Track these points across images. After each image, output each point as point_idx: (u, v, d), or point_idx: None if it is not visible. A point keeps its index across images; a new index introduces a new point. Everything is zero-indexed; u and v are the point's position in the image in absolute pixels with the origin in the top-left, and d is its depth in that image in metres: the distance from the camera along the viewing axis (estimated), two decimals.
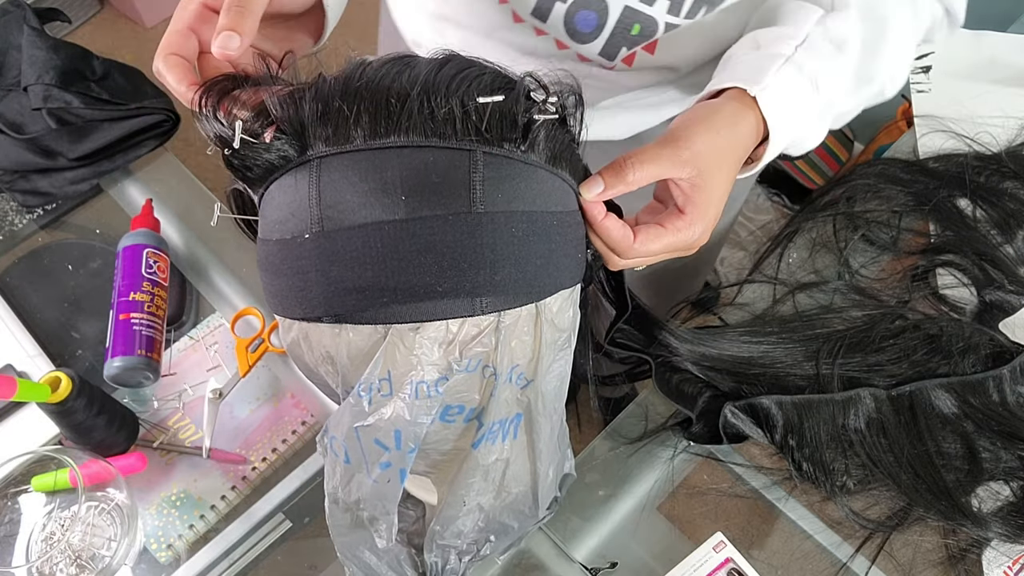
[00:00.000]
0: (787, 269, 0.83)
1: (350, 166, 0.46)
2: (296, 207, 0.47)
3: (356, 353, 0.48)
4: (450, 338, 0.47)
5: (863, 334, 0.75)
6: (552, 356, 0.52)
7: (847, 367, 0.73)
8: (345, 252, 0.46)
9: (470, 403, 0.50)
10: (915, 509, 0.67)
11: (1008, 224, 0.84)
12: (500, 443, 0.52)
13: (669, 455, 0.73)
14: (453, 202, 0.46)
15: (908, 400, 0.71)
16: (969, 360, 0.73)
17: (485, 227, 0.46)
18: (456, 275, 0.46)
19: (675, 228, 0.53)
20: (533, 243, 0.48)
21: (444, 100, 0.46)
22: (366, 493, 0.52)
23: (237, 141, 0.46)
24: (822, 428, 0.69)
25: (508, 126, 0.47)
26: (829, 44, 0.59)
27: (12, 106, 0.90)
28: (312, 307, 0.48)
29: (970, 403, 0.71)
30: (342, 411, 0.50)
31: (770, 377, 0.72)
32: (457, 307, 0.47)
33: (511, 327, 0.48)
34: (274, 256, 0.50)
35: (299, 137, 0.47)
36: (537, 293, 0.49)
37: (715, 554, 0.67)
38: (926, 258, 0.82)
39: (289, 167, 0.48)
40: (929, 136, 0.92)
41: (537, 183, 0.49)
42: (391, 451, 0.49)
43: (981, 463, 0.68)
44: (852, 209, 0.86)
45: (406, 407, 0.48)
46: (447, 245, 0.45)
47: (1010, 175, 0.87)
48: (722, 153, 0.54)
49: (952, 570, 0.67)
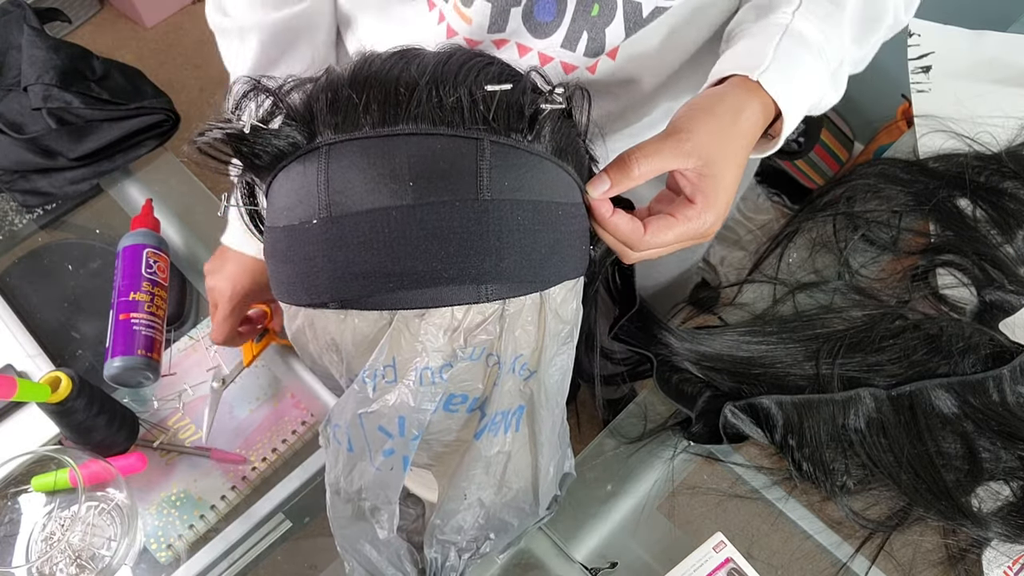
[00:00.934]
0: (787, 269, 0.83)
1: (359, 153, 0.47)
2: (304, 194, 0.48)
3: (361, 339, 0.49)
4: (455, 325, 0.48)
5: (863, 334, 0.75)
6: (555, 348, 0.52)
7: (847, 367, 0.73)
8: (352, 237, 0.46)
9: (473, 392, 0.50)
10: (915, 509, 0.67)
11: (1008, 224, 0.84)
12: (502, 435, 0.52)
13: (669, 455, 0.73)
14: (460, 189, 0.46)
15: (908, 400, 0.71)
16: (969, 360, 0.73)
17: (491, 214, 0.47)
18: (462, 261, 0.46)
19: (686, 217, 0.53)
20: (538, 232, 0.48)
21: (452, 89, 0.46)
22: (368, 481, 0.52)
23: (247, 127, 0.47)
24: (822, 428, 0.69)
25: (515, 115, 0.47)
26: (825, 0, 0.58)
27: (12, 106, 0.90)
28: (318, 293, 0.48)
29: (970, 403, 0.71)
30: (346, 398, 0.51)
31: (770, 377, 0.72)
32: (462, 294, 0.47)
33: (515, 315, 0.49)
34: (281, 243, 0.50)
35: (308, 124, 0.48)
36: (542, 282, 0.49)
37: (715, 554, 0.67)
38: (926, 258, 0.82)
39: (297, 154, 0.48)
40: (929, 136, 0.92)
41: (543, 173, 0.49)
42: (395, 438, 0.50)
43: (981, 463, 0.68)
44: (852, 209, 0.86)
45: (410, 393, 0.48)
46: (454, 231, 0.46)
47: (1010, 175, 0.87)
48: (727, 140, 0.54)
49: (952, 570, 0.67)
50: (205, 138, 0.49)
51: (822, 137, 1.71)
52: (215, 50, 0.74)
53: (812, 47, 0.57)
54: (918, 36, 0.98)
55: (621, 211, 0.53)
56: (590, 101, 0.52)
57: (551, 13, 0.63)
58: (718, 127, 0.53)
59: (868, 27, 0.62)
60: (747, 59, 0.56)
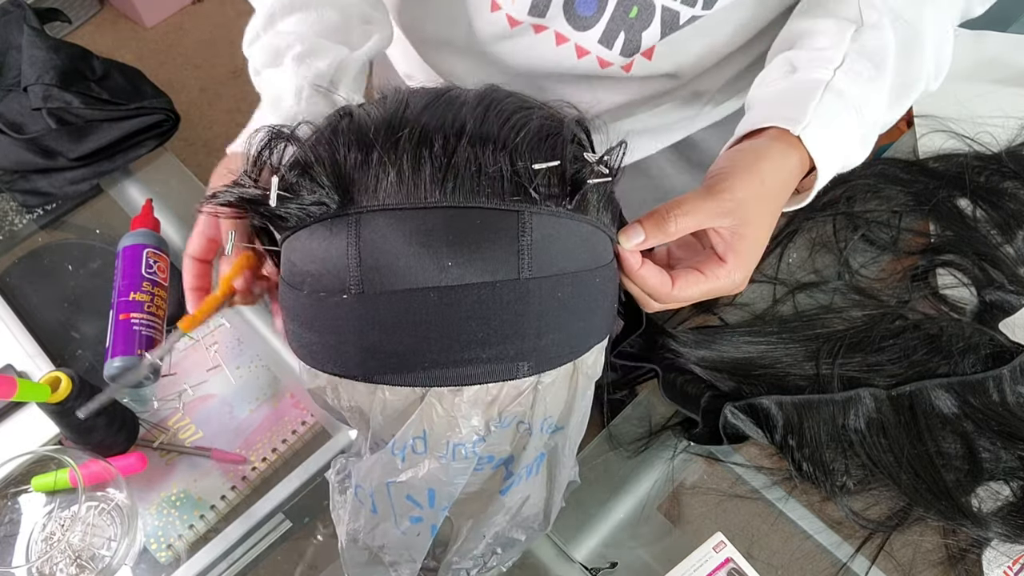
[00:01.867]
0: (787, 269, 0.83)
1: (393, 226, 0.44)
2: (332, 264, 0.45)
3: (391, 412, 0.47)
4: (489, 399, 0.46)
5: (863, 334, 0.75)
6: (582, 402, 0.51)
7: (847, 367, 0.73)
8: (387, 317, 0.44)
9: (500, 454, 0.50)
10: (915, 509, 0.67)
11: (1008, 224, 0.84)
12: (524, 483, 0.52)
13: (669, 455, 0.73)
14: (501, 268, 0.44)
15: (908, 400, 0.71)
16: (969, 360, 0.73)
17: (533, 294, 0.45)
18: (500, 342, 0.44)
19: (715, 276, 0.52)
20: (576, 305, 0.47)
21: (492, 157, 0.44)
22: (392, 541, 0.51)
23: (274, 198, 0.45)
24: (822, 428, 0.69)
25: (557, 183, 0.45)
26: (867, 63, 0.57)
27: (12, 106, 0.90)
28: (347, 367, 0.47)
29: (970, 403, 0.71)
30: (372, 465, 0.49)
31: (770, 377, 0.72)
32: (498, 371, 0.45)
33: (549, 386, 0.47)
34: (306, 309, 0.47)
35: (336, 189, 0.45)
36: (577, 352, 0.48)
37: (715, 554, 0.67)
38: (926, 258, 0.82)
39: (323, 216, 0.46)
40: (929, 136, 0.92)
41: (582, 240, 0.47)
42: (424, 508, 0.49)
43: (981, 463, 0.68)
44: (852, 209, 0.86)
45: (442, 468, 0.47)
46: (494, 313, 0.44)
47: (1010, 175, 0.87)
48: (766, 200, 0.53)
49: (952, 570, 0.67)
50: (221, 200, 0.47)
51: None
52: (215, 50, 0.74)
53: (851, 107, 0.56)
54: None
55: (649, 263, 0.52)
56: (626, 150, 0.50)
57: (592, 8, 0.63)
58: (760, 188, 0.52)
59: (903, 92, 0.61)
60: (787, 110, 0.55)
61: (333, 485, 0.56)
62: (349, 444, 0.77)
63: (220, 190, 0.48)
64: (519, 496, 0.52)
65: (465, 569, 0.56)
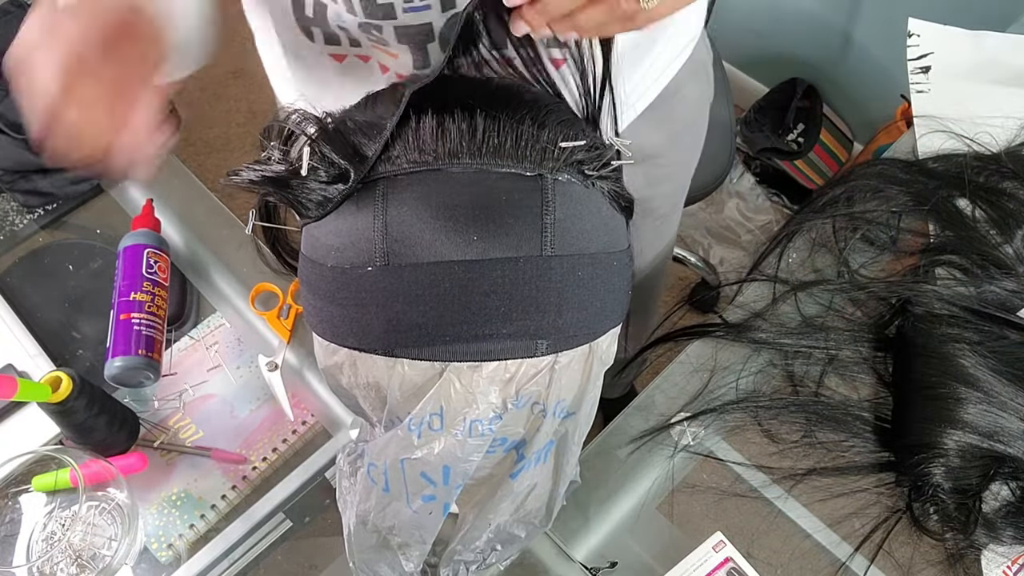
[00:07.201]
0: (787, 269, 0.83)
1: (420, 200, 0.44)
2: (357, 236, 0.46)
3: (409, 387, 0.47)
4: (507, 377, 0.46)
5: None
6: (593, 390, 0.52)
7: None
8: (411, 289, 0.44)
9: (513, 436, 0.50)
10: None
11: (1008, 224, 0.84)
12: (533, 469, 0.52)
13: (669, 455, 0.73)
14: (524, 244, 0.45)
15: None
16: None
17: (555, 271, 0.45)
18: (522, 318, 0.45)
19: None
20: (595, 286, 0.48)
21: (516, 128, 0.45)
22: (403, 521, 0.51)
23: (305, 168, 0.45)
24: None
25: (583, 160, 0.47)
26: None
27: (12, 106, 0.90)
28: (368, 340, 0.47)
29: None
30: (387, 442, 0.49)
31: None
32: (517, 348, 0.46)
33: (565, 367, 0.48)
34: (328, 283, 0.48)
35: (363, 161, 0.45)
36: (594, 334, 0.49)
37: (715, 554, 0.67)
38: (926, 258, 0.82)
39: (348, 193, 0.46)
40: (928, 136, 0.92)
41: (602, 222, 0.48)
42: (437, 486, 0.49)
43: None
44: (852, 209, 0.86)
45: (458, 444, 0.47)
46: (516, 288, 0.44)
47: (1009, 175, 0.87)
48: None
49: (951, 570, 0.67)
50: (242, 178, 0.47)
51: (821, 137, 1.71)
52: (215, 50, 0.73)
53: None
54: (918, 36, 0.98)
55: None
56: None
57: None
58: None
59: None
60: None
61: (343, 470, 0.56)
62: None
63: (243, 168, 0.48)
64: (527, 483, 0.52)
65: (465, 562, 0.56)
